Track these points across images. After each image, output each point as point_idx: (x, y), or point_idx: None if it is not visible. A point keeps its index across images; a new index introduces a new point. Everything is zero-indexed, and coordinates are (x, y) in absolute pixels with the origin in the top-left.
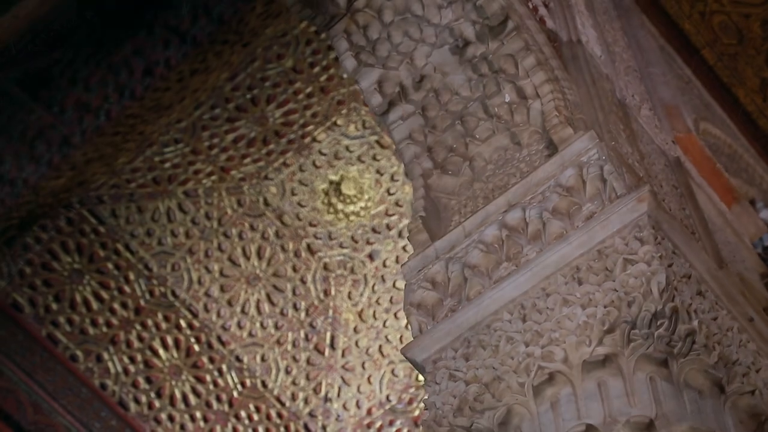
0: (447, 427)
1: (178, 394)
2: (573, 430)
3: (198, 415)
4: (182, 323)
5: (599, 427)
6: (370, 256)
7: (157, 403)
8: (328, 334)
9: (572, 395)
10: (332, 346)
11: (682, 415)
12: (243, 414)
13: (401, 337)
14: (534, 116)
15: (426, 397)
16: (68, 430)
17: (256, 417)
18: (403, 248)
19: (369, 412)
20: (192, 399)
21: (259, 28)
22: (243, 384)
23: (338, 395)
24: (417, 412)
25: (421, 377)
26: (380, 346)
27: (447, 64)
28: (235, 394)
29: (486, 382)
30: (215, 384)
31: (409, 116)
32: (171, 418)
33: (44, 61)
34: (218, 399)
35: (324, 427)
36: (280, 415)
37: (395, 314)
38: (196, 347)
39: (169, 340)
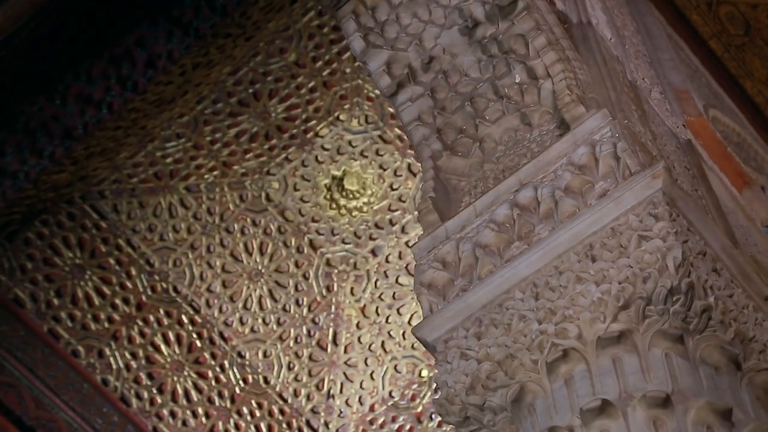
0: (459, 405)
1: (180, 390)
2: (588, 405)
3: (200, 411)
4: (184, 319)
5: (615, 402)
6: (373, 252)
7: (158, 399)
8: (331, 330)
9: (586, 372)
10: (335, 342)
11: (698, 391)
12: (245, 410)
13: (404, 333)
14: (545, 96)
15: (438, 376)
16: (70, 425)
17: (258, 413)
18: (406, 244)
19: (372, 408)
20: (194, 395)
21: (262, 22)
22: (245, 380)
23: (341, 391)
24: (420, 408)
25: (424, 373)
26: (383, 342)
27: (456, 45)
28: (237, 390)
29: (498, 360)
30: (217, 380)
31: (418, 98)
32: (173, 414)
33: (47, 52)
34: (220, 395)
35: (326, 424)
36: (282, 412)
37: (398, 310)
38: (198, 343)
39: (171, 336)
